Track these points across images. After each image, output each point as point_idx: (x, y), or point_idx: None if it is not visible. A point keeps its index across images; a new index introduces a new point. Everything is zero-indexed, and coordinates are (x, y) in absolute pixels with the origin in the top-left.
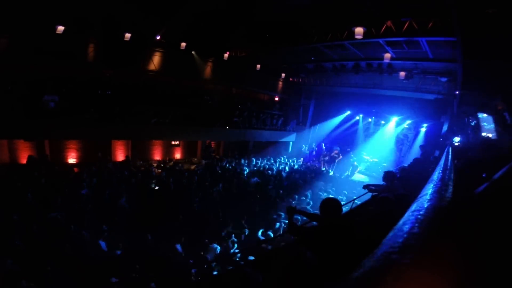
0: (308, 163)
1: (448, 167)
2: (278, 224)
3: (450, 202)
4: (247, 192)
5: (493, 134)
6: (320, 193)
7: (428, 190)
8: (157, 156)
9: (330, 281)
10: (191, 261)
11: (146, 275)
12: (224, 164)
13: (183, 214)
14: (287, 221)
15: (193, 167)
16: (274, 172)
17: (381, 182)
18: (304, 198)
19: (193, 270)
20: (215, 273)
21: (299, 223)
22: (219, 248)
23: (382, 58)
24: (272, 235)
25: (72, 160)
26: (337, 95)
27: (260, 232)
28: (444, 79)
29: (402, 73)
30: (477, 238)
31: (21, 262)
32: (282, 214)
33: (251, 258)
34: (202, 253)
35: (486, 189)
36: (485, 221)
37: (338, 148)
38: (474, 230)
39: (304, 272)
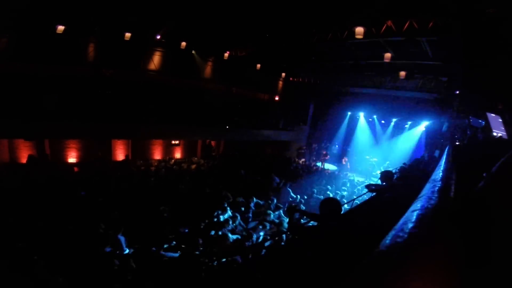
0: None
1: (449, 167)
2: None
3: (451, 201)
4: None
5: (504, 134)
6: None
7: (428, 190)
8: (157, 155)
9: (330, 280)
10: None
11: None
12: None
13: None
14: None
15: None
16: None
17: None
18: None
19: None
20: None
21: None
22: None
23: (382, 58)
24: None
25: (72, 159)
26: (337, 95)
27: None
28: (444, 79)
29: (402, 73)
30: (477, 237)
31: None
32: None
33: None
34: None
35: (484, 185)
36: (485, 218)
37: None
38: (474, 229)
39: (303, 271)
